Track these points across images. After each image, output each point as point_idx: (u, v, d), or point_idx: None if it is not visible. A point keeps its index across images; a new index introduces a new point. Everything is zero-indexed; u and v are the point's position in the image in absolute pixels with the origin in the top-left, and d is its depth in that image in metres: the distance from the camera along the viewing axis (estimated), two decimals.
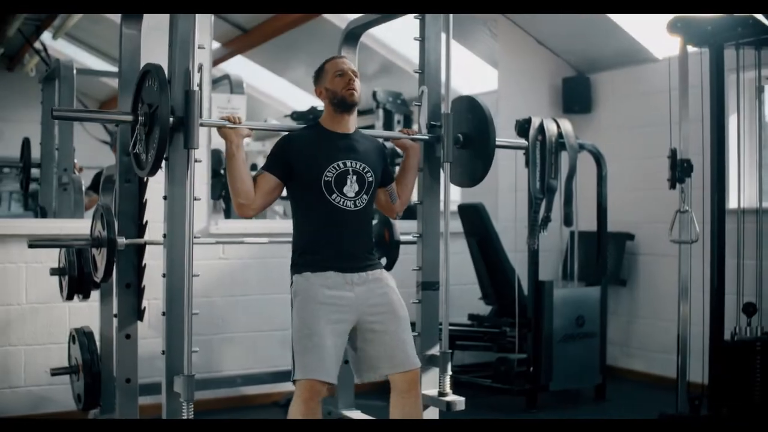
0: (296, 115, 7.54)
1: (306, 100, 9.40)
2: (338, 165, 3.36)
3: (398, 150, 4.80)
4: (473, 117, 3.77)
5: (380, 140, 3.76)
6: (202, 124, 3.24)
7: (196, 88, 3.23)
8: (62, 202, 5.46)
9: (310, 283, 3.30)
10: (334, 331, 3.26)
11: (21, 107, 9.92)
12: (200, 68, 3.25)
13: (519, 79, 6.67)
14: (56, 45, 8.96)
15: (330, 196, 3.33)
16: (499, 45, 6.66)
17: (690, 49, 4.90)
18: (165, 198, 3.33)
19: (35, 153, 5.99)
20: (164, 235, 3.34)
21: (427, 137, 3.76)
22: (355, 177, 3.38)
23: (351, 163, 3.39)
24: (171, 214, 3.31)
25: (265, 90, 9.72)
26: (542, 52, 6.73)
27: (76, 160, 5.59)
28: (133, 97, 3.40)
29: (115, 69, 4.24)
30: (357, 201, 3.38)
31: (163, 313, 3.32)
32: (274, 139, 4.91)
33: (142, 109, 3.30)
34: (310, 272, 3.32)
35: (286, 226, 3.60)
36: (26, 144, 6.01)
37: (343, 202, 3.35)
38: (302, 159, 3.36)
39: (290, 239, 3.48)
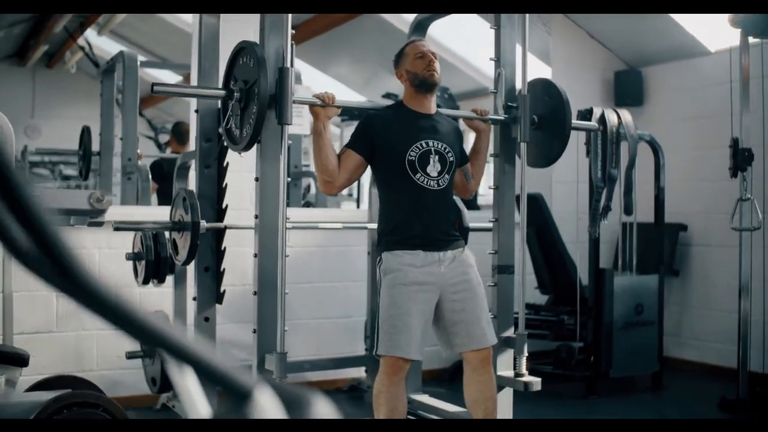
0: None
1: (350, 96, 9.47)
2: (421, 144, 3.43)
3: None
4: (549, 99, 3.86)
5: (455, 121, 3.85)
6: (295, 101, 3.31)
7: (288, 65, 3.31)
8: (126, 191, 5.57)
9: (400, 262, 3.37)
10: (420, 310, 3.34)
11: (60, 104, 10.02)
12: (293, 46, 3.34)
13: (571, 73, 6.69)
14: (100, 42, 9.04)
15: (414, 175, 3.40)
16: (553, 39, 6.69)
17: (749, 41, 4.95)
18: (257, 179, 3.41)
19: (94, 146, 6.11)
20: (255, 216, 3.41)
21: (503, 118, 3.84)
22: (437, 157, 3.45)
23: (432, 143, 3.46)
24: (263, 194, 3.39)
25: (309, 86, 9.76)
26: (594, 46, 6.76)
27: (138, 150, 5.70)
28: (225, 74, 3.49)
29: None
30: (440, 180, 3.45)
31: (255, 293, 3.40)
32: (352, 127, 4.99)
33: (237, 86, 3.37)
34: (400, 250, 3.39)
35: (351, 215, 3.65)
36: (86, 132, 6.12)
37: (427, 181, 3.41)
38: (385, 138, 3.44)
39: (354, 227, 3.53)
